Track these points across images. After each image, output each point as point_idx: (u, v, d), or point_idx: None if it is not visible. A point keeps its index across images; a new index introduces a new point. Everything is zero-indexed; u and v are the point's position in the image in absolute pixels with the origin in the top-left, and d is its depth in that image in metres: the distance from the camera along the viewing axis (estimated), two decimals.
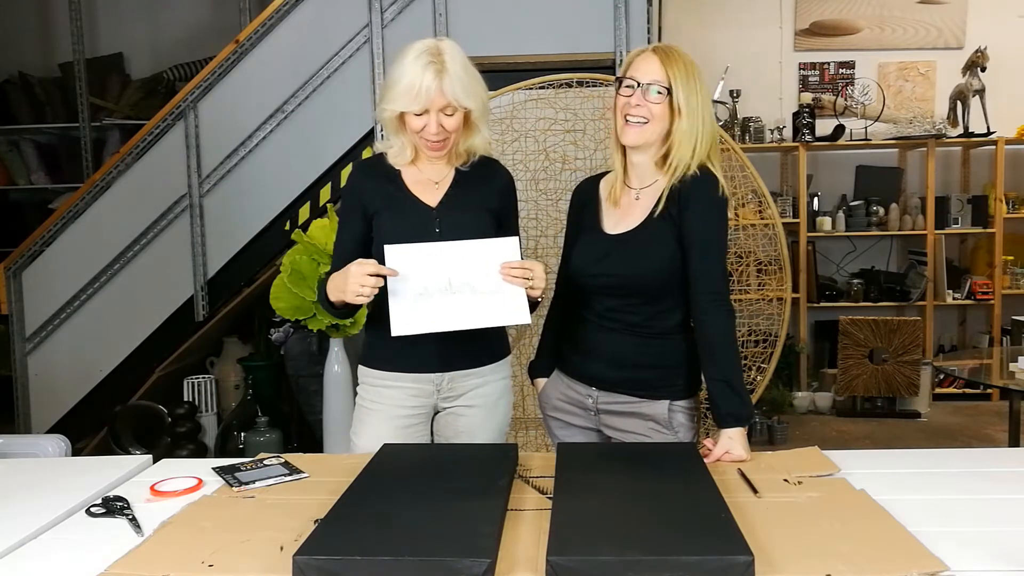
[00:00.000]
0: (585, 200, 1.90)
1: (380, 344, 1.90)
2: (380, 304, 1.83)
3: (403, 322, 1.68)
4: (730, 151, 3.45)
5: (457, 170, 1.89)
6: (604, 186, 1.88)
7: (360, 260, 1.70)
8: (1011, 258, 5.41)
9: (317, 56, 3.81)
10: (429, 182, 1.88)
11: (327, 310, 1.84)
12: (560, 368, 1.93)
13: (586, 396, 1.85)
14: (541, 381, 1.98)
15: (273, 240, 3.88)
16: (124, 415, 3.89)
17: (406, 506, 1.32)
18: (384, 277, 1.69)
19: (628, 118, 1.74)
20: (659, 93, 1.71)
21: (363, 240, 1.88)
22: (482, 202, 1.87)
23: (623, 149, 1.81)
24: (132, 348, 3.97)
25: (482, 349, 1.91)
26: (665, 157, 1.76)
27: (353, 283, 1.67)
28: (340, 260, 1.83)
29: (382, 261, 1.72)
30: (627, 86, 1.74)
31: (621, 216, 1.81)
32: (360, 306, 1.80)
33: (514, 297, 1.71)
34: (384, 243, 1.75)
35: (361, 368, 1.95)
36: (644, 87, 1.72)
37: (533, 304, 1.79)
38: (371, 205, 1.86)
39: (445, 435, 1.93)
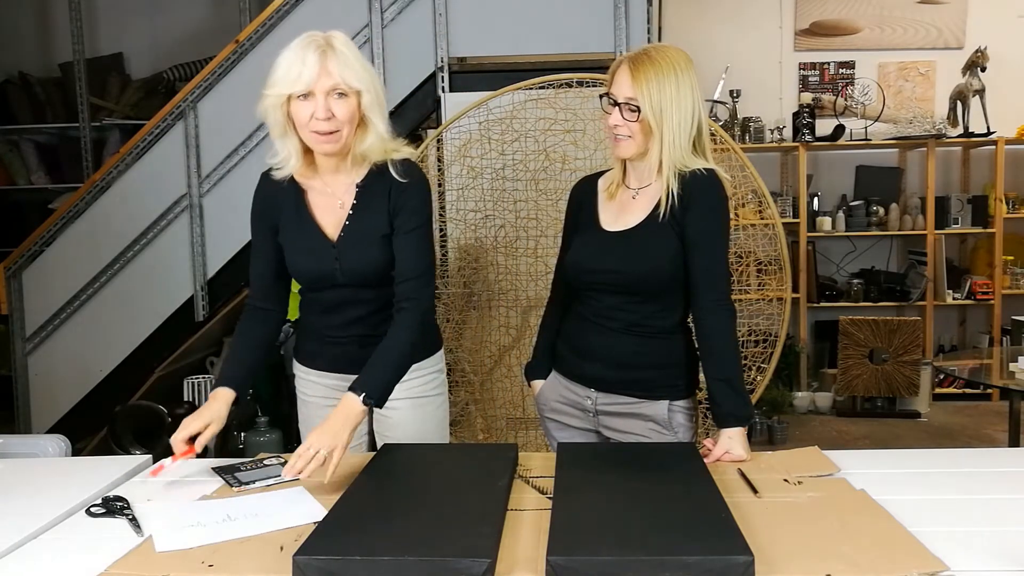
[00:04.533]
0: (582, 199, 1.89)
1: (301, 341, 1.95)
2: (304, 306, 1.90)
3: (167, 538, 1.31)
4: (730, 151, 3.44)
5: (357, 187, 1.78)
6: (603, 184, 1.87)
7: (186, 421, 1.68)
8: (1011, 258, 5.41)
9: None
10: (333, 203, 1.79)
11: None
12: (557, 369, 1.92)
13: (585, 398, 1.85)
14: (538, 383, 1.96)
15: None
16: (124, 415, 3.88)
17: (406, 506, 1.32)
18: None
19: (615, 134, 1.75)
20: (632, 111, 1.70)
21: (277, 262, 1.84)
22: (379, 229, 1.77)
23: None
24: (132, 348, 3.97)
25: None
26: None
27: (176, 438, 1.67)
28: (258, 291, 1.86)
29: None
30: (609, 103, 1.74)
31: (619, 214, 1.81)
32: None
33: (298, 501, 1.46)
34: (291, 269, 1.82)
35: (294, 359, 1.98)
36: (621, 105, 1.72)
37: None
38: (276, 223, 1.81)
39: (380, 431, 1.93)
